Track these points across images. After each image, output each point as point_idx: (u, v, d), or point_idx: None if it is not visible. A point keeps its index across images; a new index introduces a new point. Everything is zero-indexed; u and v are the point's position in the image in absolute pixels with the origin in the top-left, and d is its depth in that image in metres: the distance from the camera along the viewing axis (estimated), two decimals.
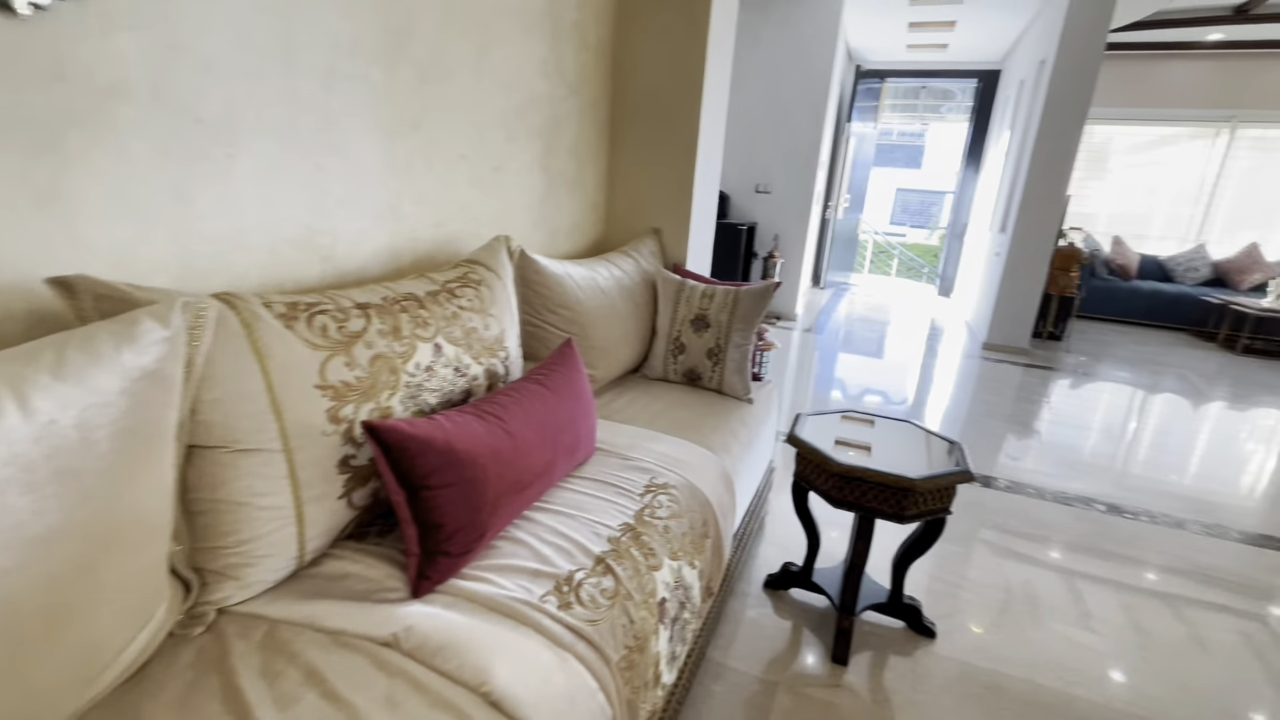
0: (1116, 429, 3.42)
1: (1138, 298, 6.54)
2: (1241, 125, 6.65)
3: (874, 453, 1.56)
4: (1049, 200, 4.65)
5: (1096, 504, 2.46)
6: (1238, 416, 3.82)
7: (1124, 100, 6.97)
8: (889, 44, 6.74)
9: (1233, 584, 1.98)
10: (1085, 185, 7.49)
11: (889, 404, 3.58)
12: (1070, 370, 4.62)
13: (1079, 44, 4.36)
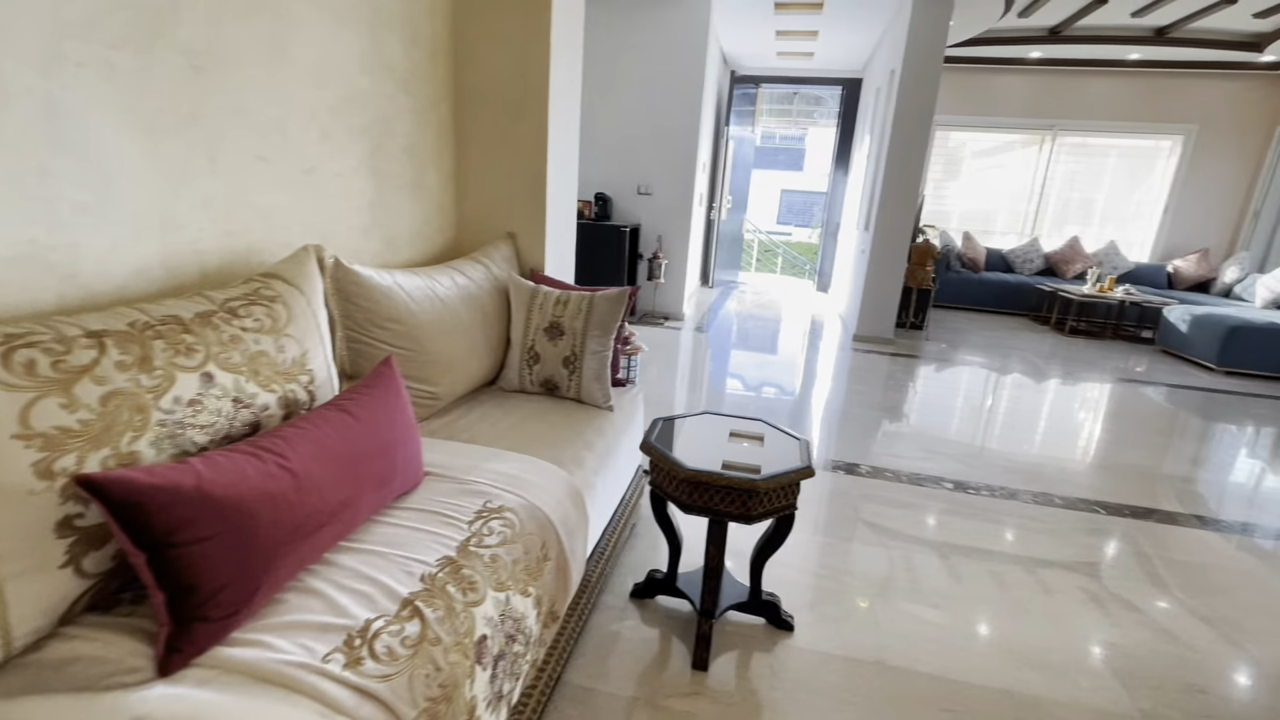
0: (970, 409, 3.73)
1: (986, 288, 7.23)
2: (1061, 133, 7.53)
3: (726, 454, 1.57)
4: (904, 200, 5.01)
5: (945, 482, 2.65)
6: (1068, 391, 4.30)
7: (968, 109, 7.68)
8: (760, 51, 7.02)
9: (1060, 548, 2.18)
10: (944, 186, 8.19)
11: (770, 397, 3.69)
12: (931, 357, 5.01)
13: (921, 56, 4.72)
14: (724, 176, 7.57)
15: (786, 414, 3.42)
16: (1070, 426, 3.56)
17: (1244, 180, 7.08)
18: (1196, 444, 3.40)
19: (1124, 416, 3.82)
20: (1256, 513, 2.57)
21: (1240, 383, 4.76)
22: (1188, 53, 6.44)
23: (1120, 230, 7.72)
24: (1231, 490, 2.80)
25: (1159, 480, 2.82)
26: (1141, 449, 3.23)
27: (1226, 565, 2.13)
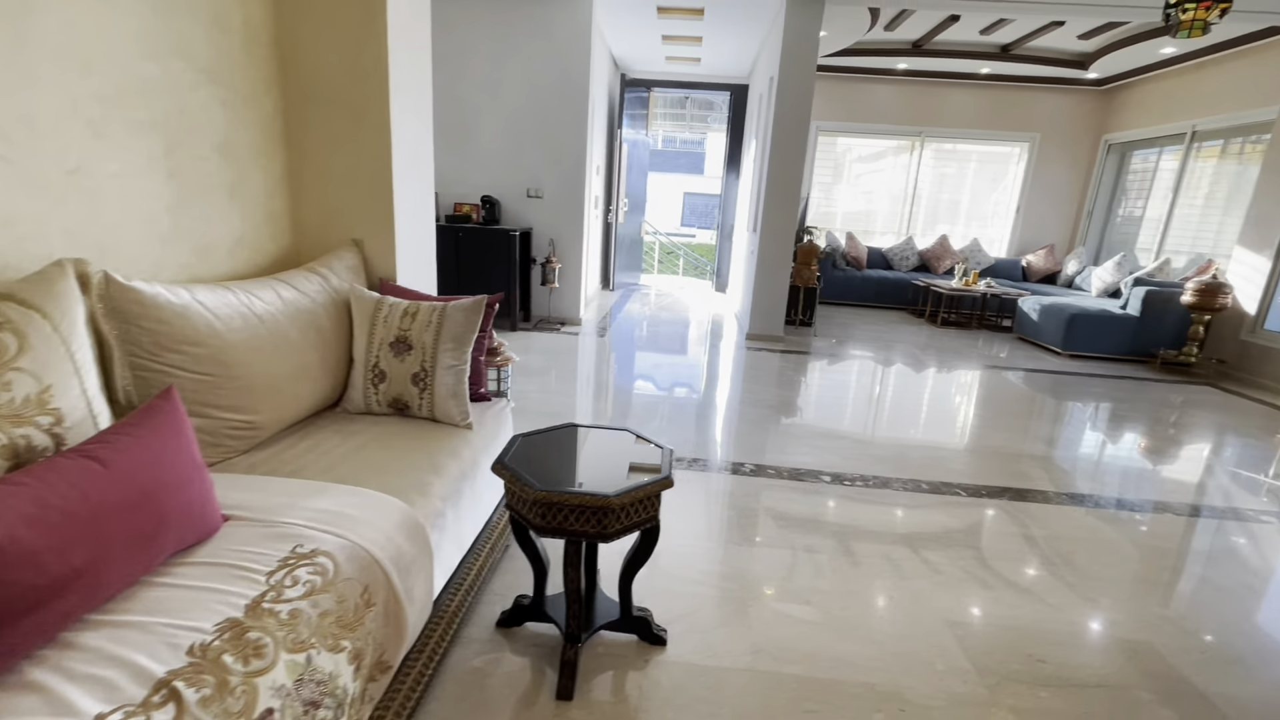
0: (855, 402, 3.89)
1: (869, 284, 7.67)
2: (929, 139, 8.12)
3: (582, 469, 1.49)
4: (787, 202, 5.18)
5: (825, 475, 2.72)
6: (943, 379, 4.60)
7: (847, 116, 8.11)
8: (649, 55, 7.07)
9: (929, 533, 2.29)
10: (831, 189, 8.60)
11: (667, 400, 3.68)
12: (819, 353, 5.21)
13: (796, 65, 4.90)
14: (619, 179, 7.56)
15: (681, 416, 3.42)
16: (944, 413, 3.79)
17: (1079, 183, 7.95)
18: (1051, 424, 3.73)
19: (991, 401, 4.13)
20: (1099, 484, 2.82)
21: (1081, 364, 5.29)
22: (1028, 68, 7.13)
23: (982, 228, 8.44)
24: (1081, 464, 3.07)
25: (1019, 459, 3.05)
26: (1005, 431, 3.49)
27: (1075, 535, 2.32)
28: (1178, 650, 1.71)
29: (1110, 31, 6.06)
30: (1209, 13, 2.95)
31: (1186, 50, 6.08)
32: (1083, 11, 4.78)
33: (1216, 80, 6.01)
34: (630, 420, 3.30)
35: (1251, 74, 5.60)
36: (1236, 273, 5.15)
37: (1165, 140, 6.77)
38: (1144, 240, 6.98)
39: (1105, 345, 5.45)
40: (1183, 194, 6.50)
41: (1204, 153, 6.33)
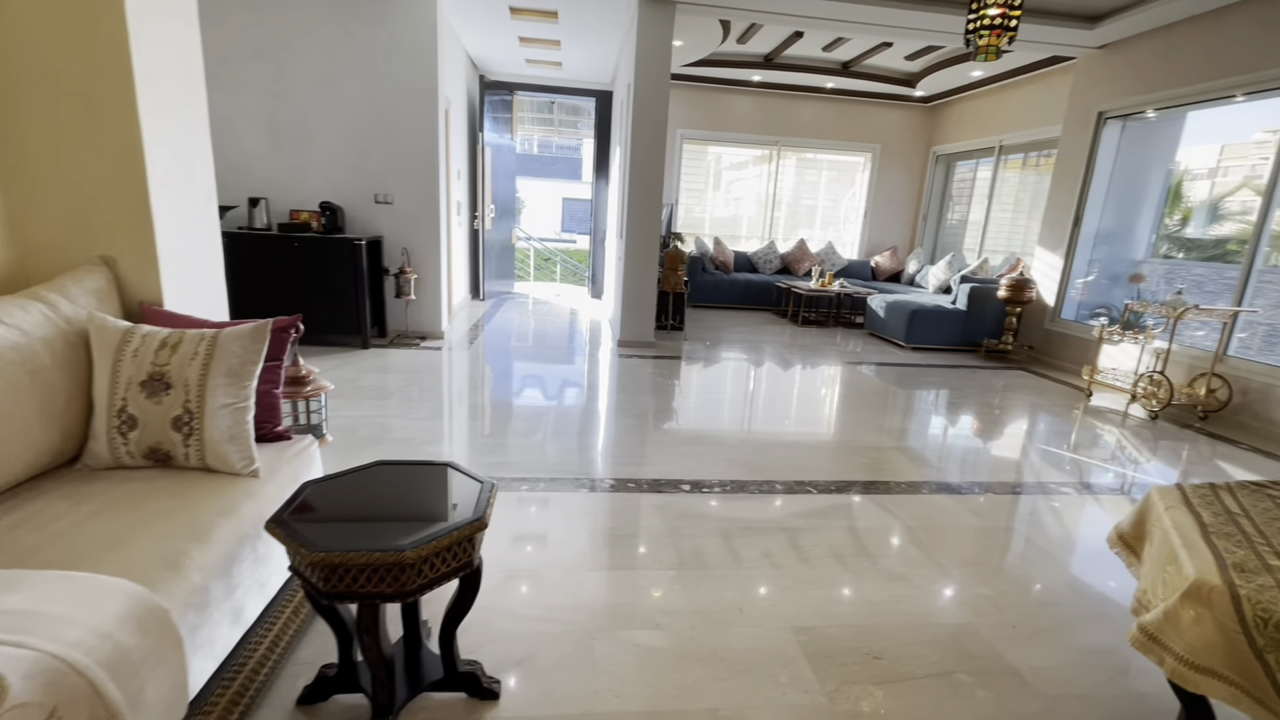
0: (721, 407, 3.93)
1: (736, 287, 7.95)
2: (785, 149, 8.58)
3: (384, 517, 1.31)
4: (650, 208, 5.20)
5: (684, 484, 2.69)
6: (807, 377, 4.81)
7: (711, 125, 8.35)
8: (508, 57, 6.85)
9: (782, 537, 2.30)
10: (702, 196, 8.82)
11: (533, 415, 3.50)
12: (690, 357, 5.27)
13: (652, 73, 4.93)
14: (484, 184, 7.26)
15: (546, 432, 3.26)
16: (806, 410, 3.94)
17: (915, 190, 8.75)
18: (898, 415, 3.98)
19: (848, 396, 4.37)
20: (939, 470, 3.03)
21: (922, 356, 5.78)
22: (867, 85, 7.74)
23: (836, 232, 9.06)
24: (923, 452, 3.28)
25: (870, 451, 3.21)
26: (859, 425, 3.68)
27: (914, 523, 2.45)
28: (993, 628, 1.82)
29: (930, 54, 6.70)
30: (1000, 39, 3.30)
31: (991, 74, 6.88)
32: (903, 34, 5.22)
33: (1016, 101, 6.84)
34: (492, 439, 3.10)
35: (1042, 97, 6.43)
36: (1038, 270, 5.86)
37: (980, 153, 7.62)
38: (969, 241, 7.81)
39: (941, 337, 6.00)
40: (996, 200, 7.34)
41: (1010, 164, 7.19)
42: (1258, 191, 5.27)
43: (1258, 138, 6.01)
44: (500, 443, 3.08)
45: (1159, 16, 4.55)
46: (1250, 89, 4.15)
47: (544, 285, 10.13)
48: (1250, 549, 1.13)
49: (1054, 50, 5.43)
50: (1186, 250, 5.72)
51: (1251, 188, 5.42)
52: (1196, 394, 4.15)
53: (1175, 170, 5.38)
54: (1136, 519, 1.46)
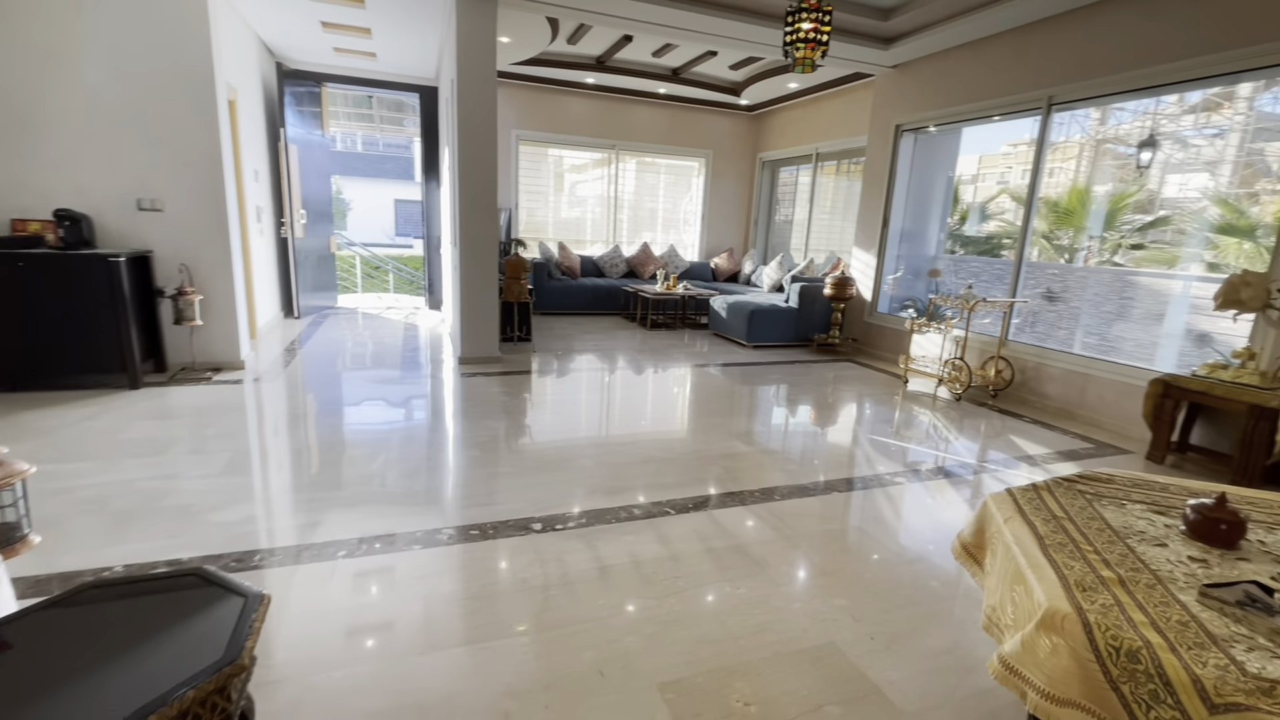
0: (576, 424, 3.71)
1: (584, 293, 7.80)
2: (623, 152, 8.58)
3: (82, 676, 0.91)
4: (484, 213, 4.84)
5: (535, 523, 2.44)
6: (659, 384, 4.74)
7: (549, 126, 8.10)
8: (310, 44, 6.05)
9: (640, 574, 2.14)
10: (544, 199, 8.51)
11: (352, 459, 3.01)
12: (539, 370, 5.00)
13: (475, 69, 4.57)
14: (290, 186, 6.36)
15: (365, 480, 2.81)
16: (659, 422, 3.85)
17: (745, 194, 9.23)
18: (747, 418, 4.05)
19: (700, 401, 4.37)
20: (787, 474, 3.07)
21: (763, 354, 6.05)
22: (697, 92, 7.98)
23: (678, 235, 9.28)
24: (770, 456, 3.33)
25: (724, 460, 3.18)
26: (712, 431, 3.66)
27: (767, 536, 2.42)
28: (852, 643, 1.81)
29: (752, 65, 7.05)
30: (814, 53, 3.46)
31: (805, 87, 7.41)
32: (727, 44, 5.39)
33: (828, 113, 7.44)
34: (304, 494, 2.60)
35: (850, 110, 7.04)
36: (856, 268, 6.41)
37: (799, 160, 8.21)
38: (796, 241, 8.39)
39: (778, 335, 6.32)
40: (816, 203, 7.94)
41: (826, 170, 7.82)
42: (1014, 196, 6.21)
43: (1003, 150, 7.10)
44: (314, 498, 2.59)
45: (936, 43, 5.13)
46: (1005, 110, 4.82)
47: (375, 297, 9.21)
48: (1082, 560, 1.15)
49: (857, 68, 5.94)
50: (965, 246, 6.59)
51: (1009, 193, 6.38)
52: (988, 375, 4.74)
53: (954, 178, 6.16)
54: (976, 528, 1.49)
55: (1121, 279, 4.59)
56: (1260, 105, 4.48)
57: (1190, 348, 4.09)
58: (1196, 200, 4.85)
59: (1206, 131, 4.71)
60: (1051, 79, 4.40)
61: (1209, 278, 4.45)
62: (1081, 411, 4.26)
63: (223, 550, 2.13)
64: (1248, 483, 3.13)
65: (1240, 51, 3.42)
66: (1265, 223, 4.48)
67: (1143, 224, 5.30)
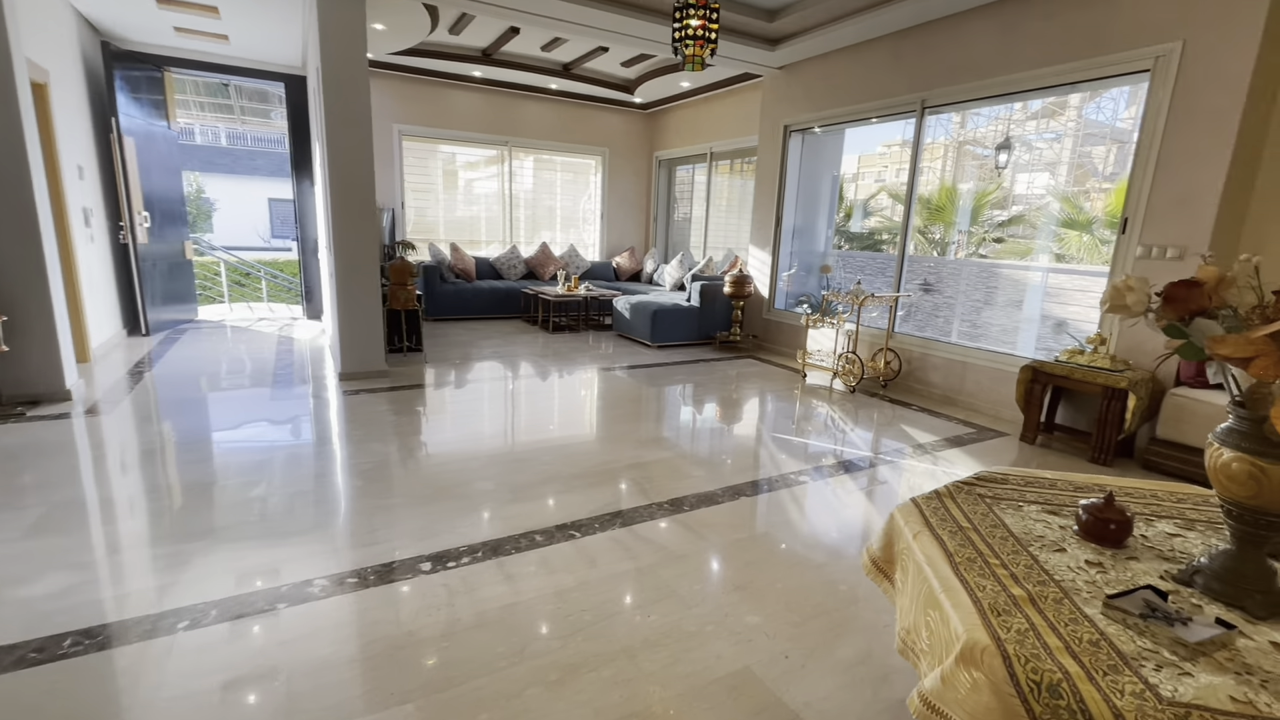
0: (476, 444, 3.44)
1: (481, 296, 7.43)
2: (516, 149, 8.26)
3: None
4: (362, 215, 4.43)
5: (423, 563, 2.20)
6: (564, 391, 4.54)
7: (436, 121, 7.62)
8: (144, 22, 5.29)
9: (547, 610, 1.96)
10: (433, 198, 8.01)
11: (215, 501, 2.59)
12: (433, 382, 4.65)
13: (343, 58, 4.15)
14: (127, 183, 5.54)
15: (230, 528, 2.42)
16: (565, 432, 3.67)
17: (643, 192, 9.20)
18: (653, 422, 3.95)
19: (607, 408, 4.22)
20: (697, 480, 2.99)
21: (667, 354, 6.01)
22: (590, 88, 7.82)
23: (578, 234, 9.09)
24: (679, 463, 3.24)
25: (630, 470, 3.06)
26: (618, 439, 3.53)
27: (677, 551, 2.31)
28: (767, 664, 1.74)
29: (644, 63, 6.99)
30: (703, 50, 3.41)
31: (698, 86, 7.46)
32: (615, 39, 5.27)
33: (721, 113, 7.53)
34: (138, 552, 2.18)
35: (742, 110, 7.16)
36: (753, 265, 6.53)
37: (695, 158, 8.28)
38: (695, 239, 8.46)
39: (681, 334, 6.31)
40: (713, 202, 8.04)
41: (720, 169, 7.93)
42: (892, 194, 6.57)
43: (879, 150, 7.52)
44: (153, 556, 2.19)
45: (820, 45, 5.29)
46: (883, 112, 5.04)
47: (246, 307, 8.30)
48: (992, 578, 1.12)
49: (746, 68, 6.02)
50: (851, 242, 6.90)
51: (887, 190, 6.75)
52: (878, 367, 4.96)
53: (839, 177, 6.41)
54: (885, 542, 1.45)
55: (987, 270, 4.94)
56: (1087, 114, 5.00)
57: (1048, 333, 4.47)
58: (1042, 197, 5.34)
59: (1046, 135, 5.18)
60: (925, 83, 4.64)
61: (1062, 269, 4.88)
62: (962, 397, 4.54)
63: (19, 638, 1.73)
64: (1105, 456, 3.43)
65: (1075, 64, 3.74)
66: (1098, 217, 4.98)
67: (1001, 220, 5.77)
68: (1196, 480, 3.19)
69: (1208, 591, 1.09)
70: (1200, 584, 1.10)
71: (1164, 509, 1.46)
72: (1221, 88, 3.15)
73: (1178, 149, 3.33)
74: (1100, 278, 4.20)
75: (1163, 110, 3.37)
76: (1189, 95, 3.27)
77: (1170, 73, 3.33)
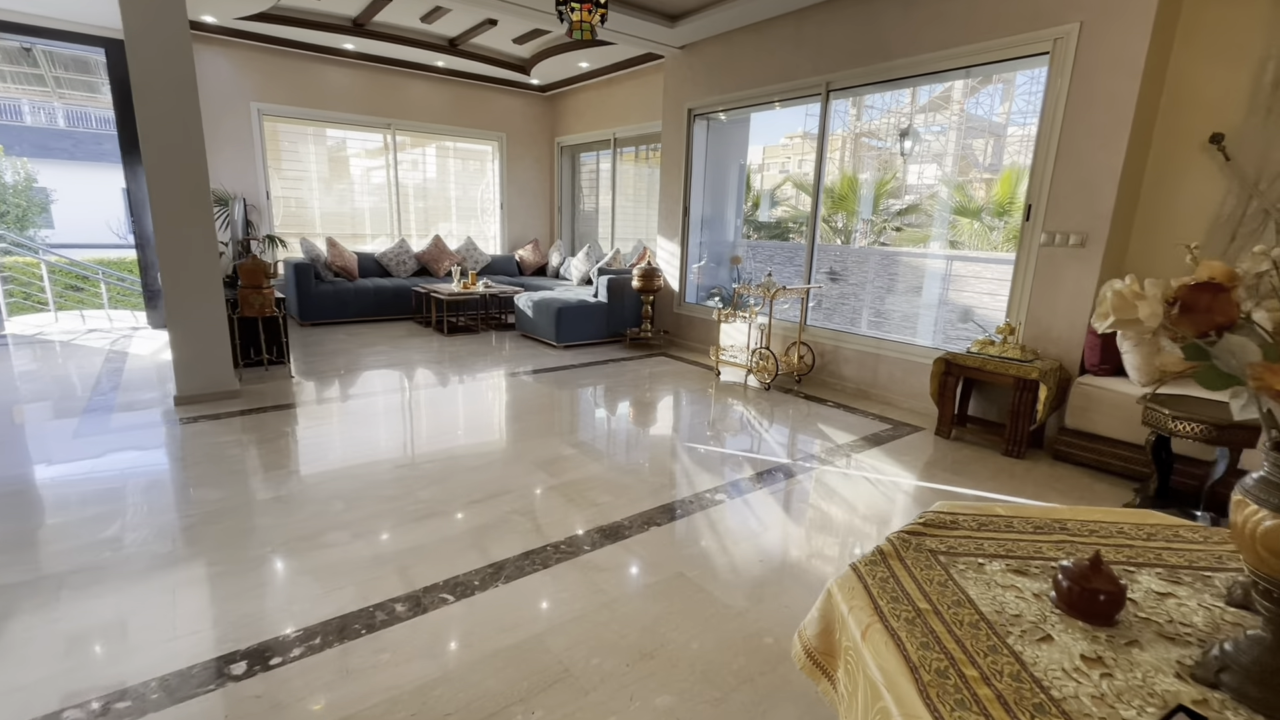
0: (355, 474, 2.86)
1: (364, 296, 6.67)
2: (400, 132, 7.49)
3: None
4: (196, 206, 3.67)
5: (236, 661, 1.67)
6: (462, 400, 3.99)
7: (302, 100, 6.73)
8: None
9: (434, 679, 1.50)
10: (310, 187, 7.11)
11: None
12: (299, 401, 3.97)
13: (154, 18, 3.39)
14: None
15: (14, 631, 1.77)
16: (464, 456, 3.16)
17: (546, 181, 8.66)
18: (563, 440, 3.52)
19: (511, 423, 3.73)
20: (605, 509, 2.60)
21: (575, 354, 5.58)
22: (482, 67, 7.18)
23: (478, 226, 8.42)
24: (593, 483, 2.83)
25: (540, 502, 2.62)
26: (522, 466, 3.07)
27: (597, 600, 1.91)
28: None
29: (538, 39, 6.45)
30: (591, 15, 2.99)
31: (599, 67, 7.01)
32: (500, 11, 4.73)
33: (623, 96, 7.13)
34: None
35: (644, 93, 6.79)
36: (662, 257, 6.21)
37: (598, 145, 7.84)
38: (603, 230, 8.04)
39: (589, 332, 5.90)
40: (620, 191, 7.65)
41: (626, 158, 7.54)
42: (797, 184, 6.45)
43: (782, 141, 7.44)
44: None
45: (720, 23, 5.00)
46: (788, 95, 4.83)
47: (77, 316, 7.03)
48: (974, 703, 0.79)
49: (646, 46, 5.65)
50: (759, 231, 6.75)
51: (792, 180, 6.64)
52: (791, 361, 4.77)
53: (745, 165, 6.20)
54: (822, 627, 1.11)
55: (890, 258, 4.87)
56: (970, 108, 5.05)
57: (953, 320, 4.43)
58: (933, 186, 5.35)
59: (934, 129, 5.19)
60: (829, 64, 4.45)
61: (964, 255, 4.88)
62: (875, 390, 4.42)
63: None
64: (1018, 449, 3.36)
65: (977, 46, 3.63)
66: (987, 205, 5.03)
67: (899, 208, 5.77)
68: (1105, 470, 3.17)
69: (1242, 698, 0.82)
70: (1230, 686, 0.83)
71: (1136, 550, 1.22)
72: (1118, 69, 3.10)
73: (1078, 133, 3.28)
74: (1000, 265, 4.18)
75: (1062, 94, 3.31)
76: (1087, 78, 3.22)
77: (1069, 55, 3.26)
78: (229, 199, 6.22)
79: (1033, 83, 4.07)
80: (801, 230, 5.91)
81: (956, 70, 3.87)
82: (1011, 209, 4.95)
